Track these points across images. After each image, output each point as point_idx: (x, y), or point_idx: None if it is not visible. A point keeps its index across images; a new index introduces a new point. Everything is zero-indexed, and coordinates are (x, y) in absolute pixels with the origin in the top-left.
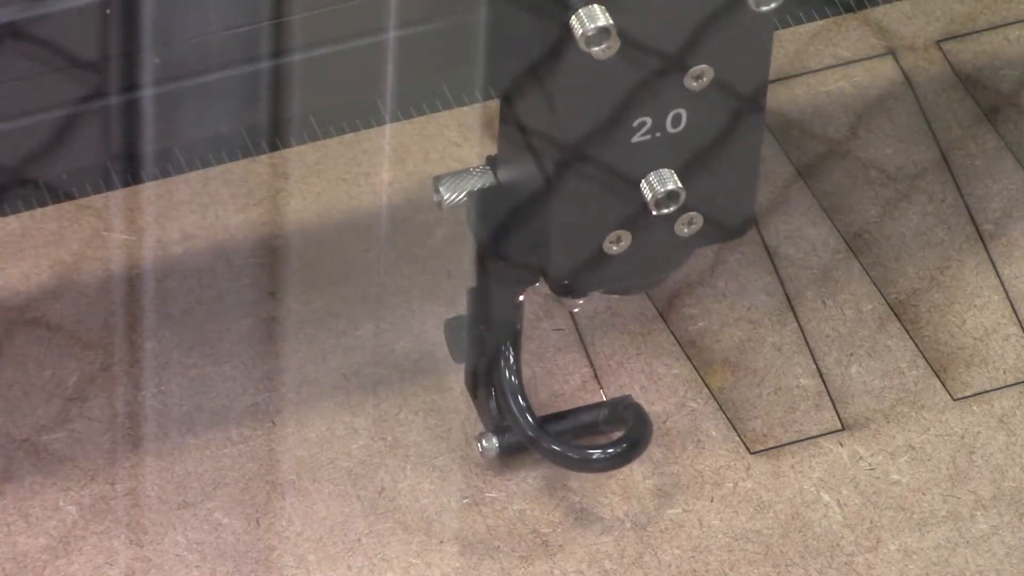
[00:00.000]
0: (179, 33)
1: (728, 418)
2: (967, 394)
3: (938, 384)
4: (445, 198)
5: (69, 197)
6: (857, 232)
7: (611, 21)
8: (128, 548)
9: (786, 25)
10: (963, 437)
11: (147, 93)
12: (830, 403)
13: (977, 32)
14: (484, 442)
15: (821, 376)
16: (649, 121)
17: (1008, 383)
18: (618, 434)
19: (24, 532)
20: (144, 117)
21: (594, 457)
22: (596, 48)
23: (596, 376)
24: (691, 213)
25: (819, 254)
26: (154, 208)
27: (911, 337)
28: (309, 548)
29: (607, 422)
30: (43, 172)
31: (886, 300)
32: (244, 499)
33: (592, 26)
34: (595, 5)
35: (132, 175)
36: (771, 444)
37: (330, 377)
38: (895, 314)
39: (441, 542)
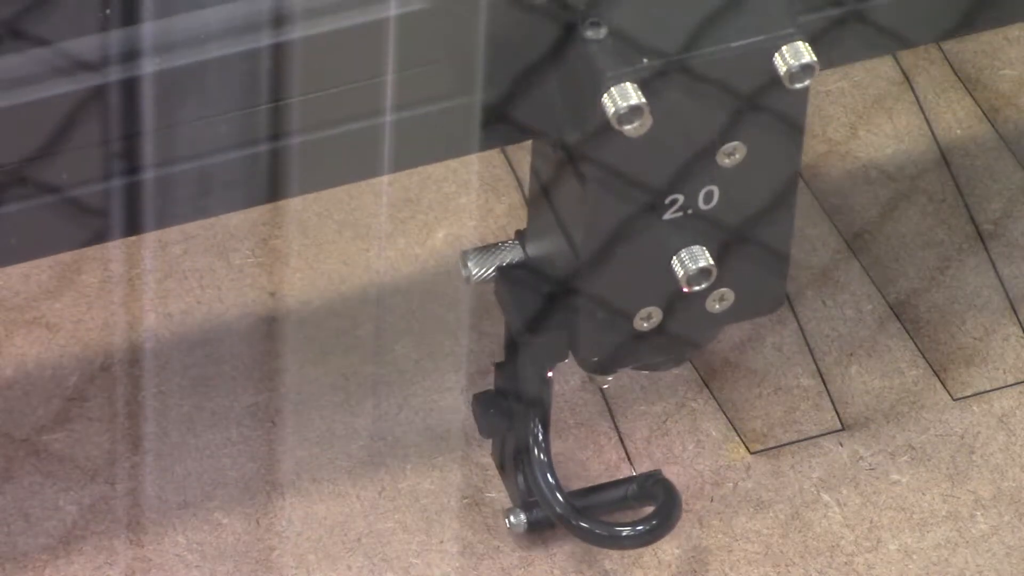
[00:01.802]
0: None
1: (728, 418)
2: (967, 394)
3: (938, 384)
4: (473, 273)
5: None
6: (857, 232)
7: (644, 99)
8: (128, 548)
9: None
10: (963, 437)
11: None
12: (830, 403)
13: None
14: (512, 518)
15: (821, 376)
16: (681, 198)
17: (1008, 383)
18: (648, 509)
19: (24, 532)
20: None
21: (623, 535)
22: (628, 126)
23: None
24: (722, 290)
25: (819, 254)
26: None
27: (911, 337)
28: (309, 548)
29: (636, 498)
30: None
31: (886, 300)
32: (244, 499)
33: (624, 104)
34: (627, 83)
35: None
36: (771, 444)
37: (330, 377)
38: (895, 314)
39: (441, 542)
